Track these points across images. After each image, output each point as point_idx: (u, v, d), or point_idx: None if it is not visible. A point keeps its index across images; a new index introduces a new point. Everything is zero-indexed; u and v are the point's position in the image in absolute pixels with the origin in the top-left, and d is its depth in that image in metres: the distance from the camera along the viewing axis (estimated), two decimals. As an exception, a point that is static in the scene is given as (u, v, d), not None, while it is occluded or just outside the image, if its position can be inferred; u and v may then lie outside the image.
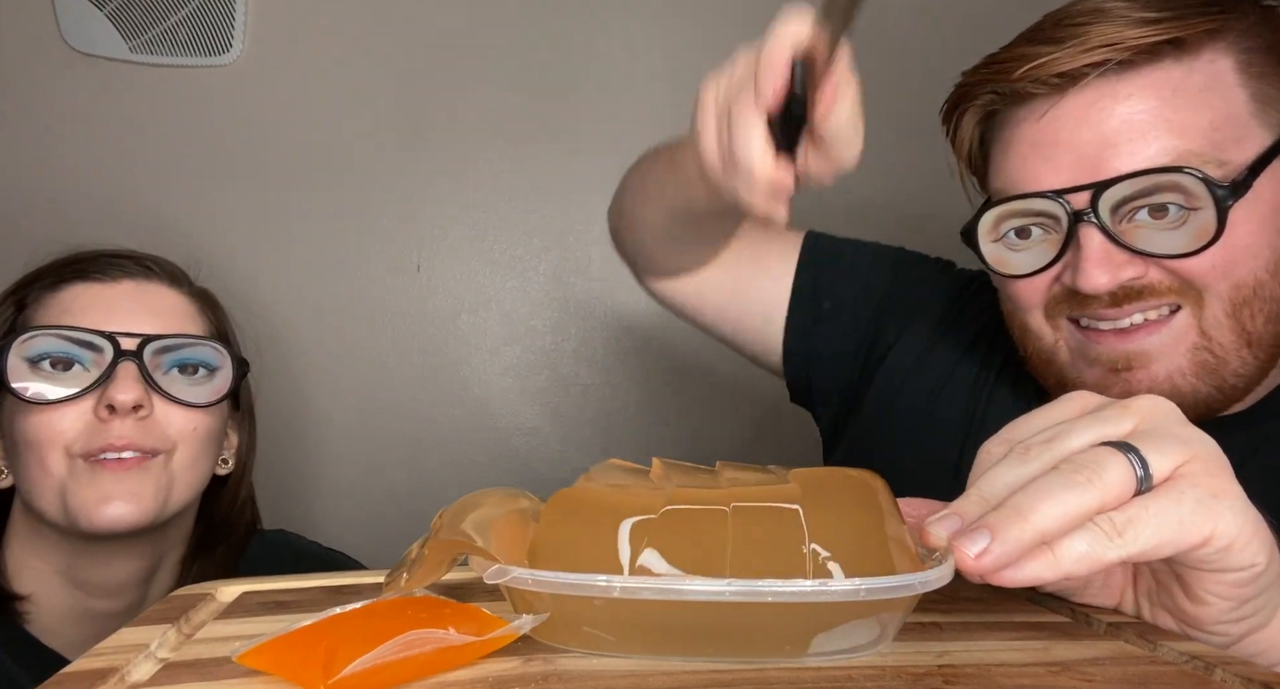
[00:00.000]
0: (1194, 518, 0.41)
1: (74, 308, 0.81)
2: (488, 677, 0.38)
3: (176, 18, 1.29)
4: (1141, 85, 0.63)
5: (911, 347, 0.84)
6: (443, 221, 1.36)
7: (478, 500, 0.46)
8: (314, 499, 1.33)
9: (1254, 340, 0.65)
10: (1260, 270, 0.64)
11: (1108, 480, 0.41)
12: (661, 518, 0.40)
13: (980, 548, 0.41)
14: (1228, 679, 0.38)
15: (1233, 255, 0.63)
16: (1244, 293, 0.64)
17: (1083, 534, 0.41)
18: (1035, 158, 0.67)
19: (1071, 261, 0.66)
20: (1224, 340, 0.65)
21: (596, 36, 1.38)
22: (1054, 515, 0.41)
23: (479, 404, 1.36)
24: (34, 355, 0.78)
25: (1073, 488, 0.41)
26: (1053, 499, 0.41)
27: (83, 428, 0.77)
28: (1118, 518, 0.41)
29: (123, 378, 0.78)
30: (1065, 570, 0.41)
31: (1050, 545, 0.41)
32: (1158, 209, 0.63)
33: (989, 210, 0.69)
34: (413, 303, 1.36)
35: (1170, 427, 0.44)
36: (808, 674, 0.38)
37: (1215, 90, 0.63)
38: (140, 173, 1.31)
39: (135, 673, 0.39)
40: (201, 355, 0.83)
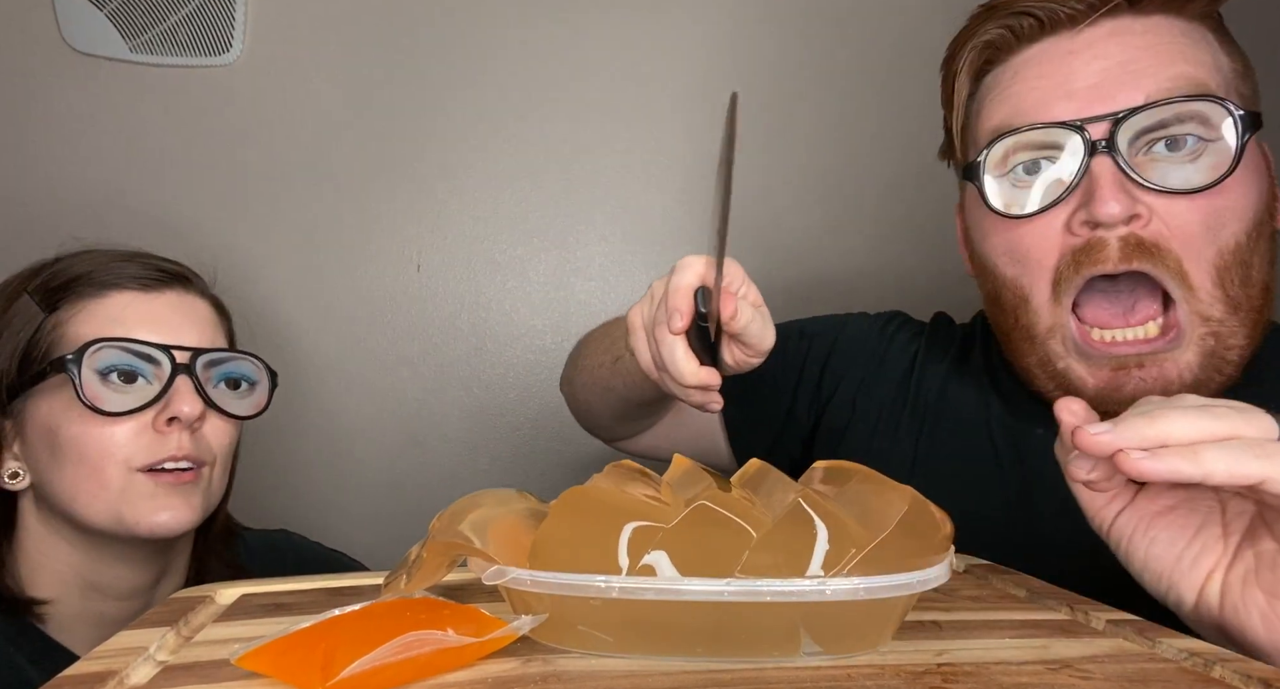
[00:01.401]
0: None
1: (124, 318, 0.80)
2: (487, 678, 0.38)
3: (176, 18, 1.29)
4: (1153, 25, 0.66)
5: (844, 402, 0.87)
6: (443, 221, 1.36)
7: (477, 501, 0.46)
8: (313, 499, 1.33)
9: (1238, 305, 0.66)
10: (1241, 234, 0.65)
11: (1248, 419, 0.43)
12: (676, 525, 0.40)
13: (1101, 430, 0.43)
14: (1227, 675, 0.38)
15: (1222, 216, 0.64)
16: (1226, 258, 0.65)
17: (1229, 447, 0.42)
18: (1049, 87, 0.67)
19: (1083, 199, 0.65)
20: (1217, 315, 0.65)
21: (597, 37, 1.37)
22: (1181, 425, 0.43)
23: (479, 404, 1.36)
24: (103, 368, 0.78)
25: (1208, 415, 0.43)
26: (1185, 417, 0.43)
27: (144, 441, 0.78)
28: (1269, 444, 0.42)
29: (184, 391, 0.80)
30: (1208, 469, 0.42)
31: (1196, 449, 0.42)
32: (1174, 141, 0.64)
33: (999, 142, 0.68)
34: (413, 303, 1.36)
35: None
36: (807, 674, 0.38)
37: (1209, 47, 0.66)
38: (140, 173, 1.31)
39: (134, 676, 0.39)
40: (244, 370, 0.86)
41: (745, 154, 1.31)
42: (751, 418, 0.91)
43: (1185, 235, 0.64)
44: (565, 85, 1.37)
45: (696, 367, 0.62)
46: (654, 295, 0.66)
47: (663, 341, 0.63)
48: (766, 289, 0.68)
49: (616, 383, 0.83)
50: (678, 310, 0.62)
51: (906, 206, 1.37)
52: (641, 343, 0.68)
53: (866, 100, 1.38)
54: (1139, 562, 0.50)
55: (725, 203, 0.60)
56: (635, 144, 1.38)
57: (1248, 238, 0.65)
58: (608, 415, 0.90)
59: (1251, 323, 0.67)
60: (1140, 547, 0.50)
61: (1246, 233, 0.65)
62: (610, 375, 0.84)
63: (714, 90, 1.37)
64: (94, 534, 0.80)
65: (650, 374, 0.67)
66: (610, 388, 0.85)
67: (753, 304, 0.65)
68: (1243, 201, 0.65)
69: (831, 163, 1.39)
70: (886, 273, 1.37)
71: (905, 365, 0.86)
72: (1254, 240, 0.66)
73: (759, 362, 0.68)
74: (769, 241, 1.37)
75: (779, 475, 0.46)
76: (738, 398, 0.86)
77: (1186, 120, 0.63)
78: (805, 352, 0.90)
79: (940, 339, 0.88)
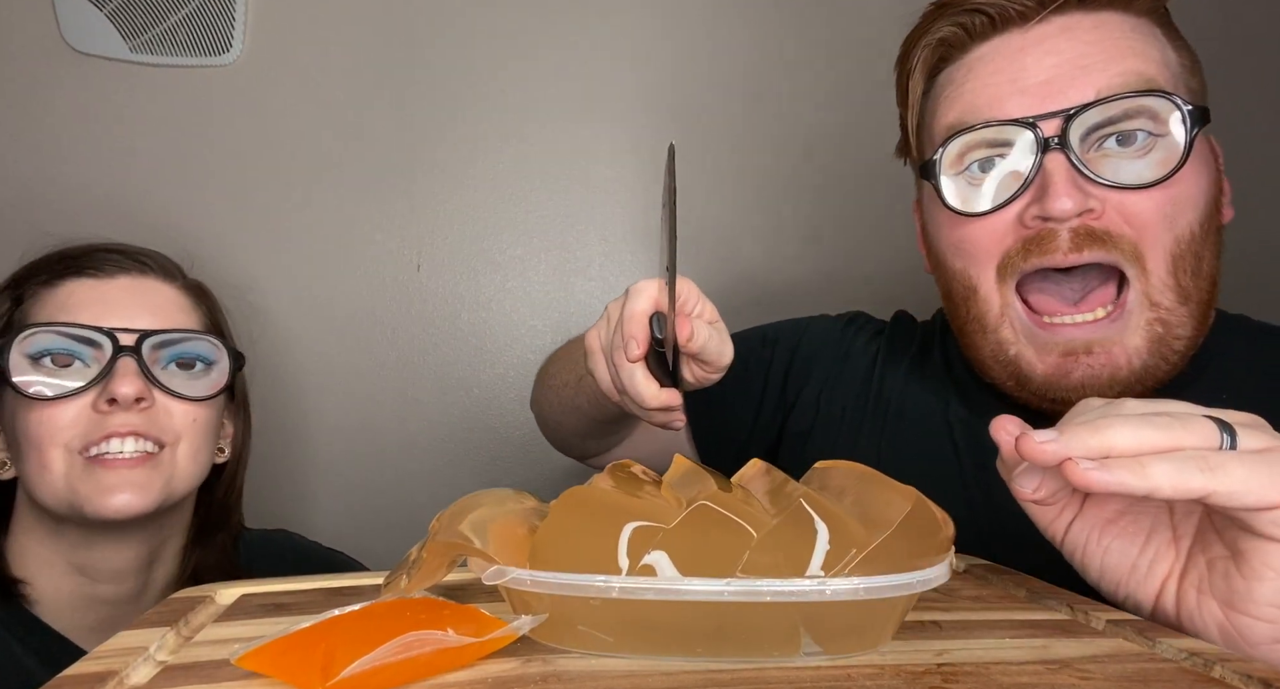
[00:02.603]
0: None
1: (71, 304, 0.81)
2: (487, 678, 0.38)
3: (176, 18, 1.29)
4: (1103, 20, 0.67)
5: (808, 405, 0.88)
6: (443, 221, 1.36)
7: (476, 501, 0.46)
8: (313, 499, 1.33)
9: (1189, 297, 0.67)
10: (1195, 223, 0.66)
11: (1190, 429, 0.43)
12: (676, 525, 0.40)
13: (1046, 438, 0.43)
14: (1227, 675, 0.38)
15: (1177, 205, 0.65)
16: (1181, 246, 0.66)
17: (1174, 458, 0.42)
18: (1002, 84, 0.68)
19: (1036, 195, 0.67)
20: (1168, 303, 0.66)
21: (596, 37, 1.37)
22: (1126, 435, 0.43)
23: (479, 404, 1.36)
24: (35, 352, 0.79)
25: (1150, 424, 0.43)
26: (1129, 424, 0.43)
27: (83, 423, 0.78)
28: (1211, 457, 0.42)
29: (122, 373, 0.79)
30: (1154, 483, 0.42)
31: (1141, 461, 0.42)
32: (1125, 136, 0.65)
33: (955, 138, 0.69)
34: (413, 303, 1.36)
35: (1267, 430, 0.46)
36: (806, 674, 0.38)
37: (1157, 42, 0.67)
38: (140, 172, 1.31)
39: (134, 676, 0.39)
40: (198, 349, 0.85)
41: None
42: (719, 428, 0.92)
43: (1141, 224, 0.65)
44: (565, 85, 1.37)
45: (657, 389, 0.63)
46: (610, 318, 0.68)
47: (621, 367, 0.64)
48: (731, 290, 0.68)
49: (581, 401, 0.84)
50: (633, 338, 0.63)
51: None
52: (600, 366, 0.68)
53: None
54: (1095, 571, 0.51)
55: (672, 248, 0.61)
56: (635, 143, 1.38)
57: (1201, 229, 0.67)
58: (576, 433, 0.91)
59: (1200, 315, 0.68)
60: (1095, 557, 0.50)
61: (1200, 223, 0.66)
62: (575, 394, 0.85)
63: (714, 89, 1.37)
64: (64, 520, 0.80)
65: (611, 397, 0.68)
66: (576, 407, 0.86)
67: (708, 321, 0.66)
68: (1194, 191, 0.66)
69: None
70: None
71: (867, 365, 0.87)
72: (1206, 232, 0.67)
73: (719, 376, 0.70)
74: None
75: (780, 475, 0.46)
76: (704, 409, 0.87)
77: (1136, 116, 0.64)
78: (769, 359, 0.91)
79: (901, 338, 0.89)
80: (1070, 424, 0.45)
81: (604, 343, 0.68)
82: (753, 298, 1.36)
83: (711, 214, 1.37)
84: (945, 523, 0.43)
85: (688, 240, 1.34)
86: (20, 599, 0.81)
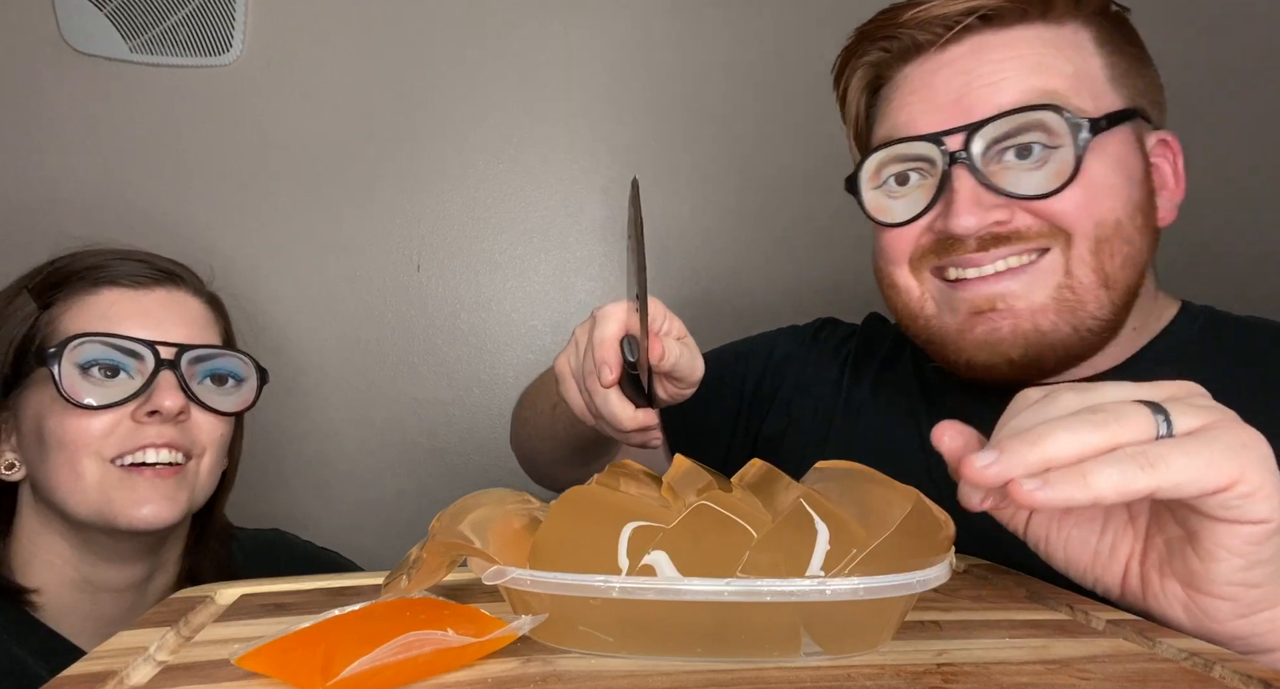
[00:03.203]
0: (1223, 460, 0.42)
1: (112, 314, 0.82)
2: (487, 678, 0.38)
3: (176, 18, 1.29)
4: (1013, 38, 0.69)
5: (780, 412, 0.89)
6: (443, 221, 1.36)
7: (476, 501, 0.46)
8: (313, 499, 1.33)
9: (1110, 282, 0.69)
10: (1119, 210, 0.68)
11: (1125, 424, 0.43)
12: (677, 525, 0.40)
13: (986, 462, 0.42)
14: (1226, 676, 0.38)
15: (1093, 194, 0.67)
16: (1105, 230, 0.68)
17: (1115, 461, 0.42)
18: (916, 103, 0.72)
19: (944, 208, 0.70)
20: (1085, 280, 0.68)
21: (596, 37, 1.37)
22: (1064, 443, 0.43)
23: (479, 404, 1.36)
24: (85, 362, 0.79)
25: (1085, 425, 0.43)
26: (1066, 430, 0.43)
27: (120, 433, 0.79)
28: (1150, 451, 0.42)
29: (165, 386, 0.80)
30: (1097, 492, 0.42)
31: (1083, 470, 0.42)
32: (1023, 149, 0.68)
33: (871, 156, 0.73)
34: (413, 303, 1.36)
35: (1198, 398, 0.46)
36: (807, 674, 0.38)
37: (1076, 51, 0.69)
38: (139, 173, 1.31)
39: (134, 676, 0.39)
40: (231, 366, 0.87)
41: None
42: (696, 443, 0.92)
43: (1059, 220, 0.68)
44: (565, 85, 1.37)
45: (633, 411, 0.63)
46: (578, 343, 0.69)
47: (595, 392, 0.65)
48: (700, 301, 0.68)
49: (558, 429, 0.84)
50: (605, 363, 0.64)
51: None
52: (573, 391, 0.69)
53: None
54: (1060, 561, 0.51)
55: (642, 278, 0.62)
56: (635, 142, 1.38)
57: (1129, 219, 0.69)
58: (555, 461, 0.92)
59: (1121, 304, 0.70)
60: (1058, 547, 0.51)
61: (1128, 215, 0.68)
62: (551, 422, 0.85)
63: (712, 88, 1.37)
64: (82, 527, 0.81)
65: (586, 421, 0.69)
66: (553, 434, 0.86)
67: (677, 337, 0.67)
68: (1116, 181, 0.68)
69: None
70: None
71: (837, 369, 0.89)
72: (1137, 227, 0.69)
73: (692, 392, 0.71)
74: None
75: (780, 476, 0.46)
76: (680, 426, 0.88)
77: (1031, 129, 0.67)
78: (742, 373, 0.93)
79: (873, 340, 0.91)
80: (1008, 438, 0.44)
81: (574, 368, 0.69)
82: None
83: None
84: (945, 523, 0.43)
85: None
86: (26, 605, 0.81)
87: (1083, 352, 0.71)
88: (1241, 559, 0.44)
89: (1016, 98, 0.68)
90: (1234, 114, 1.36)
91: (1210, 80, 1.32)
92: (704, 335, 0.73)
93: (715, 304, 1.37)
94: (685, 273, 1.38)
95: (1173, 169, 0.73)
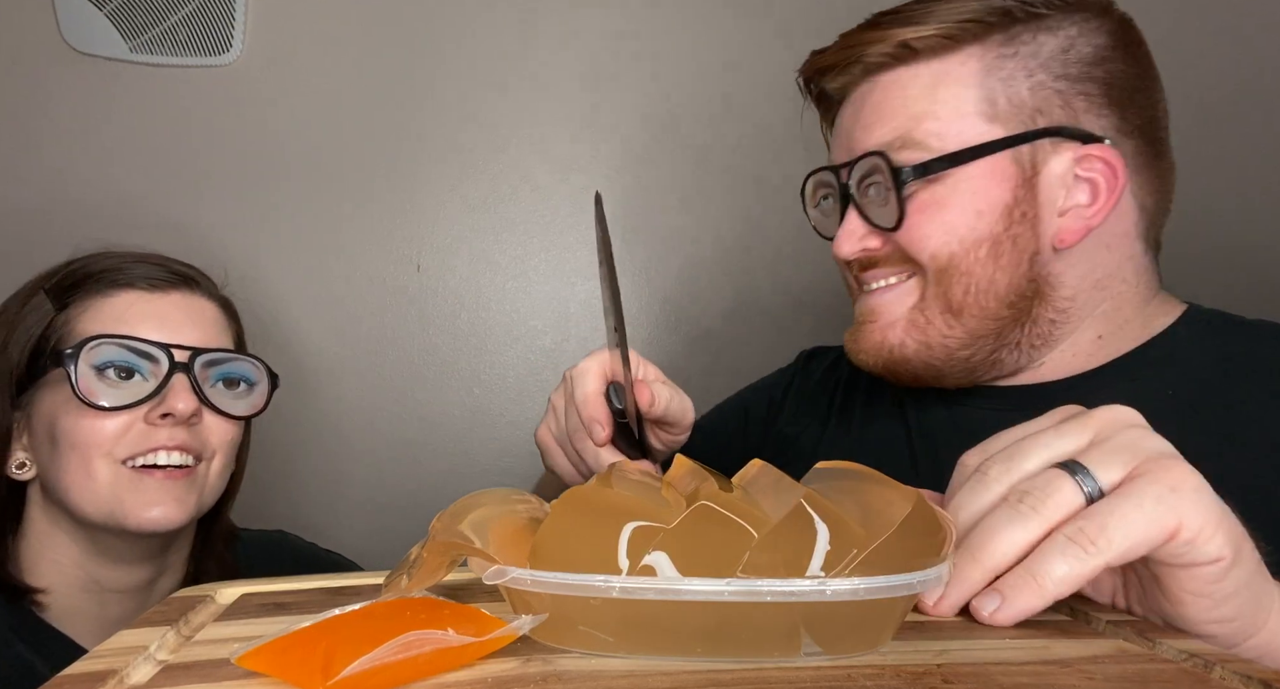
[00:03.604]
0: (1158, 512, 0.43)
1: (128, 316, 0.82)
2: (487, 677, 0.38)
3: (176, 18, 1.29)
4: (890, 81, 0.75)
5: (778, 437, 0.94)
6: (443, 221, 1.36)
7: (477, 501, 0.46)
8: (313, 499, 1.33)
9: (954, 308, 0.74)
10: (953, 245, 0.72)
11: (1053, 505, 0.45)
12: (677, 525, 0.40)
13: (938, 597, 0.45)
14: (1226, 677, 0.38)
15: (920, 233, 0.73)
16: (939, 263, 0.73)
17: (1060, 554, 0.43)
18: (833, 137, 0.81)
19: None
20: (933, 304, 0.74)
21: (595, 37, 1.37)
22: (1003, 551, 0.45)
23: (479, 404, 1.36)
24: (100, 363, 0.80)
25: (1017, 521, 0.45)
26: (1000, 536, 0.45)
27: (133, 434, 0.80)
28: (1088, 528, 0.43)
29: (180, 389, 0.81)
30: (1053, 595, 0.43)
31: (1033, 573, 0.44)
32: (871, 188, 0.75)
33: (807, 180, 0.83)
34: (413, 303, 1.36)
35: (1123, 435, 0.47)
36: (807, 674, 0.38)
37: (951, 86, 0.73)
38: (139, 173, 1.31)
39: (135, 675, 0.39)
40: (243, 371, 0.88)
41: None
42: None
43: (905, 247, 0.74)
44: (565, 85, 1.37)
45: (627, 461, 0.64)
46: (556, 408, 0.72)
47: (586, 452, 0.66)
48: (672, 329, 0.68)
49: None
50: (596, 421, 0.65)
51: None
52: (560, 459, 0.71)
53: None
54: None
55: (616, 300, 0.62)
56: (635, 142, 1.38)
57: (968, 252, 0.72)
58: None
59: (979, 328, 0.74)
60: None
61: (967, 248, 0.72)
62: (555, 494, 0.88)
63: (711, 88, 1.37)
64: (91, 528, 0.81)
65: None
66: None
67: (656, 381, 0.70)
68: (957, 219, 0.72)
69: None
70: None
71: (829, 393, 0.92)
72: (979, 257, 0.72)
73: (686, 437, 0.74)
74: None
75: (781, 476, 0.46)
76: None
77: (872, 172, 0.74)
78: (744, 423, 0.96)
79: None
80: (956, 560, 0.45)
81: (557, 433, 0.71)
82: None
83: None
84: (946, 523, 0.43)
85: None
86: (33, 605, 0.82)
87: (947, 368, 0.76)
88: (1207, 599, 0.44)
89: (877, 140, 0.74)
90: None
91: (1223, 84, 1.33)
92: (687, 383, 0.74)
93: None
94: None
95: (1095, 187, 0.72)
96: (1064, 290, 0.74)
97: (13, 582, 0.81)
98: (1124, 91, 0.74)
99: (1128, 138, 0.74)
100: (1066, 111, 0.72)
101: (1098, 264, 0.75)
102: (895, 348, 0.76)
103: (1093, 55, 0.73)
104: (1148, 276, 0.78)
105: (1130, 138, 0.74)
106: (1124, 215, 0.75)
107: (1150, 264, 0.78)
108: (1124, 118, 0.74)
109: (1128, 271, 0.76)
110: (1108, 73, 0.73)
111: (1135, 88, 0.75)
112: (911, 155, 0.72)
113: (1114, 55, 0.74)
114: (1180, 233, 0.83)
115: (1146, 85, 0.76)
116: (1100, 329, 0.76)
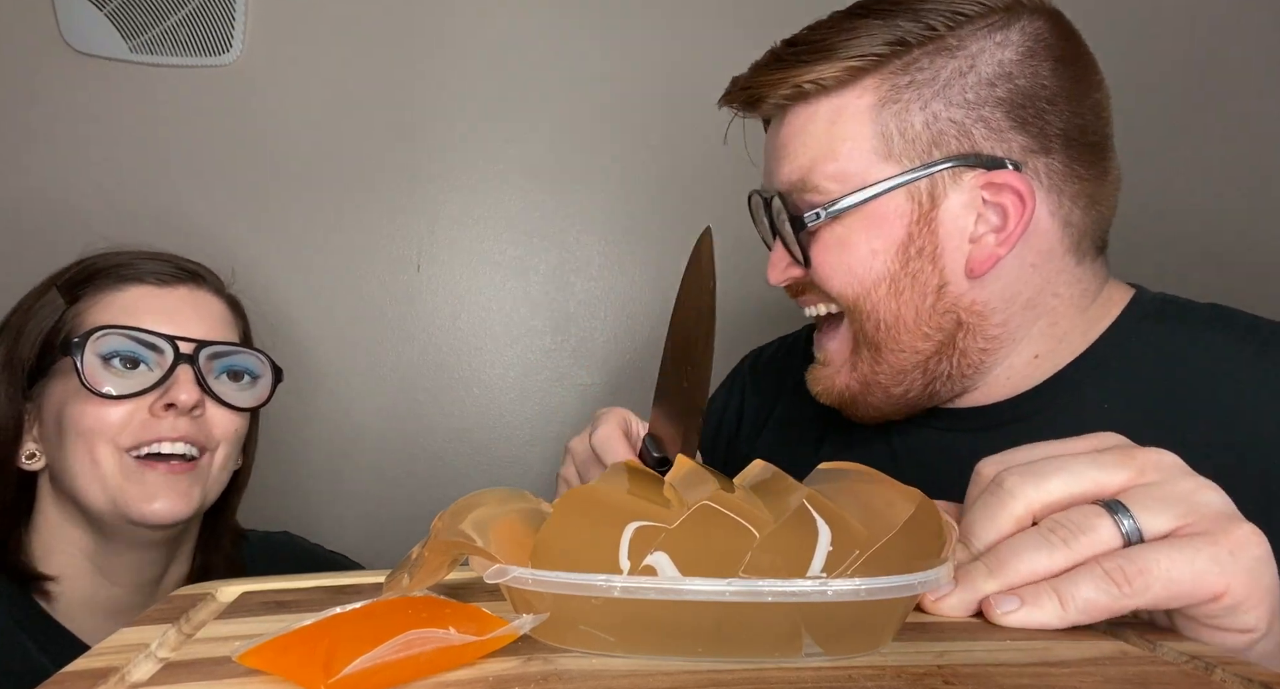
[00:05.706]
0: (1209, 573, 0.41)
1: (136, 309, 0.84)
2: (488, 676, 0.38)
3: (176, 18, 1.29)
4: (790, 118, 0.75)
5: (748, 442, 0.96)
6: (443, 221, 1.36)
7: (478, 500, 0.46)
8: (313, 499, 1.33)
9: (873, 345, 0.74)
10: (855, 286, 0.73)
11: (1087, 542, 0.43)
12: (679, 526, 0.40)
13: (940, 594, 0.44)
14: (1227, 679, 0.38)
15: (827, 272, 0.74)
16: (847, 301, 0.74)
17: (1092, 582, 0.42)
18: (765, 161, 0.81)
19: None
20: (860, 345, 0.75)
21: (595, 36, 1.37)
22: (1022, 572, 0.43)
23: (479, 404, 1.36)
24: (106, 353, 0.82)
25: (1044, 548, 0.43)
26: (1023, 557, 0.43)
27: (136, 424, 0.81)
28: (1128, 568, 0.42)
29: (184, 380, 0.83)
30: (1072, 619, 0.42)
31: (1059, 592, 0.42)
32: (786, 223, 0.75)
33: (750, 199, 0.83)
34: (413, 303, 1.36)
35: (1177, 483, 0.45)
36: (807, 674, 0.38)
37: (848, 123, 0.71)
38: (139, 173, 1.31)
39: (135, 673, 0.39)
40: (247, 363, 0.89)
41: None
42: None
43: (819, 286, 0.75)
44: (565, 85, 1.37)
45: None
46: (574, 452, 0.74)
47: None
48: None
49: None
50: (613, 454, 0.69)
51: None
52: None
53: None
54: None
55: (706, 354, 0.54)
56: (635, 141, 1.38)
57: (869, 292, 0.73)
58: None
59: (897, 364, 0.74)
60: None
61: (867, 288, 0.73)
62: None
63: (711, 88, 1.37)
64: (98, 517, 0.81)
65: None
66: None
67: None
68: (853, 259, 0.72)
69: None
70: None
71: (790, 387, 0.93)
72: (881, 294, 0.72)
73: None
74: None
75: (783, 476, 0.46)
76: None
77: (780, 212, 0.75)
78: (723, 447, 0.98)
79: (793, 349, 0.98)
80: (966, 567, 0.45)
81: (581, 465, 0.73)
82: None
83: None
84: (949, 525, 0.43)
85: None
86: (37, 596, 0.83)
87: (887, 405, 0.77)
88: (1221, 647, 0.43)
89: (784, 180, 0.75)
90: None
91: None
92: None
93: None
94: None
95: (1005, 212, 0.70)
96: (994, 316, 0.72)
97: (24, 569, 0.83)
98: (1035, 106, 0.69)
99: (1044, 154, 0.70)
100: (964, 141, 0.69)
101: (1025, 285, 0.72)
102: (843, 391, 0.78)
103: (994, 73, 0.69)
104: (1085, 284, 0.75)
105: (1049, 153, 0.70)
106: (1045, 235, 0.71)
107: (1087, 272, 0.75)
108: (1040, 133, 0.70)
109: (1059, 286, 0.73)
110: (1012, 90, 0.69)
111: (1051, 97, 0.70)
112: (811, 199, 0.73)
113: (1022, 69, 0.69)
114: (1175, 230, 0.83)
115: (1069, 91, 0.70)
116: (1037, 348, 0.74)
